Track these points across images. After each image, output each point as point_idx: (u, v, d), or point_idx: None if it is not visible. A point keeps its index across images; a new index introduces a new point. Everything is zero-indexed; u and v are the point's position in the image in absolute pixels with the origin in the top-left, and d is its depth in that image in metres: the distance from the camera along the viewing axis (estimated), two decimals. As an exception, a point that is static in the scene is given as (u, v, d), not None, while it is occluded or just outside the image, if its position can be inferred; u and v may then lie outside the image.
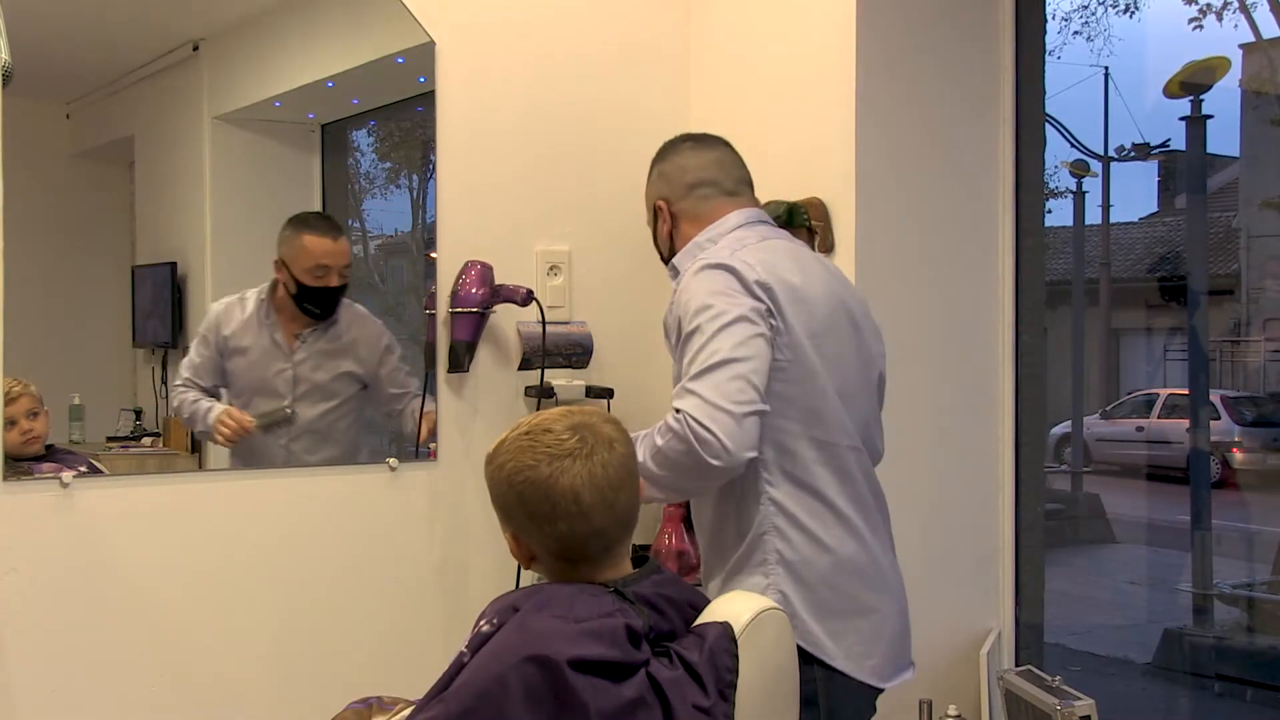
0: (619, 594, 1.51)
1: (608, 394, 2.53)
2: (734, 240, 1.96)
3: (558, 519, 1.49)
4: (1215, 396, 8.72)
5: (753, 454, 1.77)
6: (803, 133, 2.40)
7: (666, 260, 2.09)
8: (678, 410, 1.77)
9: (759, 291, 1.84)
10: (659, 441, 1.79)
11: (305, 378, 2.43)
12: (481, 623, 1.51)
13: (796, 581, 1.87)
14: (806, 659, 1.81)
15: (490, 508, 1.59)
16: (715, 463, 1.73)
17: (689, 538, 2.40)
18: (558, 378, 2.51)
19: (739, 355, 1.78)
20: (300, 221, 2.40)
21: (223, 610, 2.16)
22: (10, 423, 2.04)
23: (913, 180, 2.39)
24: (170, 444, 2.37)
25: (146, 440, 2.36)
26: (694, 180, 2.05)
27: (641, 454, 1.79)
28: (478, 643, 1.48)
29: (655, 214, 2.11)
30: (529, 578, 1.92)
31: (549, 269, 2.55)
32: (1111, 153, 11.10)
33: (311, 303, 2.39)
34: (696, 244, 2.02)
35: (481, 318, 2.42)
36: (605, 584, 1.52)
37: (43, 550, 2.00)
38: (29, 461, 2.10)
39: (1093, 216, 11.14)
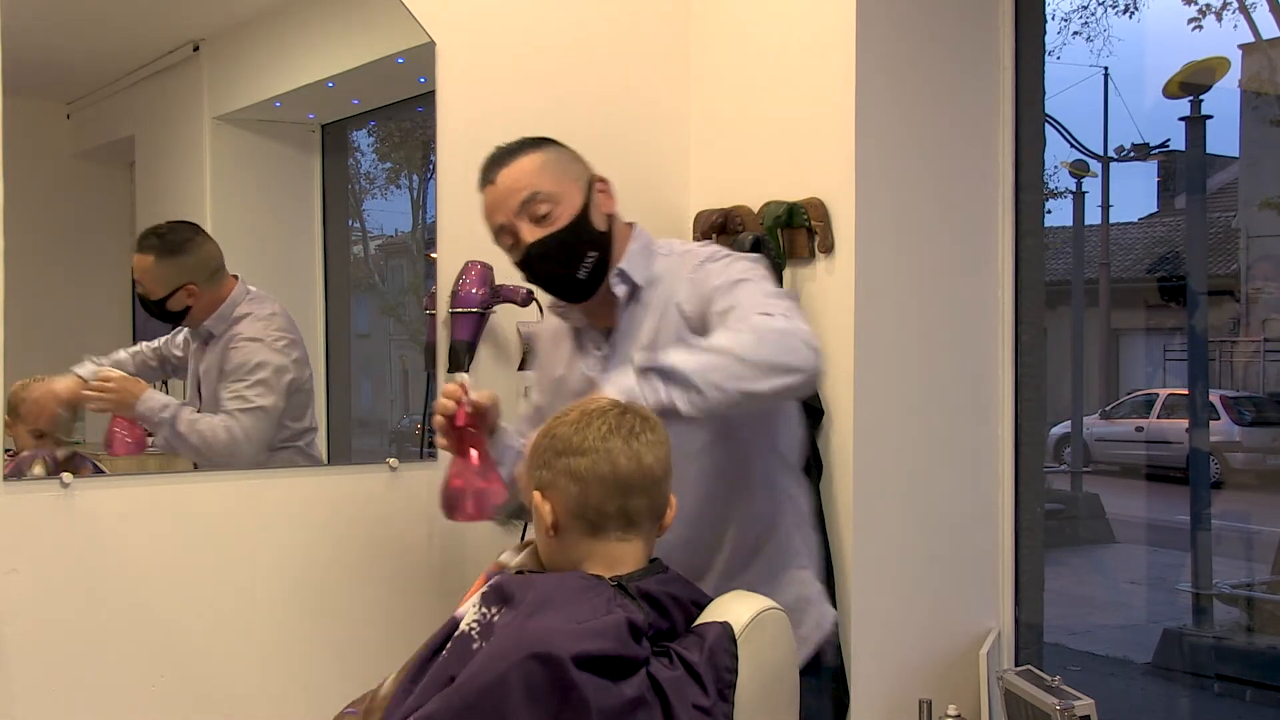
0: (621, 588, 1.51)
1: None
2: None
3: (587, 453, 1.52)
4: (1215, 396, 8.73)
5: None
6: (802, 133, 2.40)
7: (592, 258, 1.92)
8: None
9: None
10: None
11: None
12: (483, 609, 1.52)
13: None
14: None
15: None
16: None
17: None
18: (558, 378, 2.50)
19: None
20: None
21: (223, 610, 2.16)
22: None
23: (912, 180, 2.39)
24: (170, 444, 2.37)
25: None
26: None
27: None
28: (486, 631, 1.49)
29: (590, 189, 1.95)
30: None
31: (549, 269, 2.55)
32: (1111, 153, 11.12)
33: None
34: (648, 246, 1.96)
35: (482, 318, 2.42)
36: (610, 580, 1.52)
37: (43, 550, 1.99)
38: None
39: (1092, 216, 11.16)
